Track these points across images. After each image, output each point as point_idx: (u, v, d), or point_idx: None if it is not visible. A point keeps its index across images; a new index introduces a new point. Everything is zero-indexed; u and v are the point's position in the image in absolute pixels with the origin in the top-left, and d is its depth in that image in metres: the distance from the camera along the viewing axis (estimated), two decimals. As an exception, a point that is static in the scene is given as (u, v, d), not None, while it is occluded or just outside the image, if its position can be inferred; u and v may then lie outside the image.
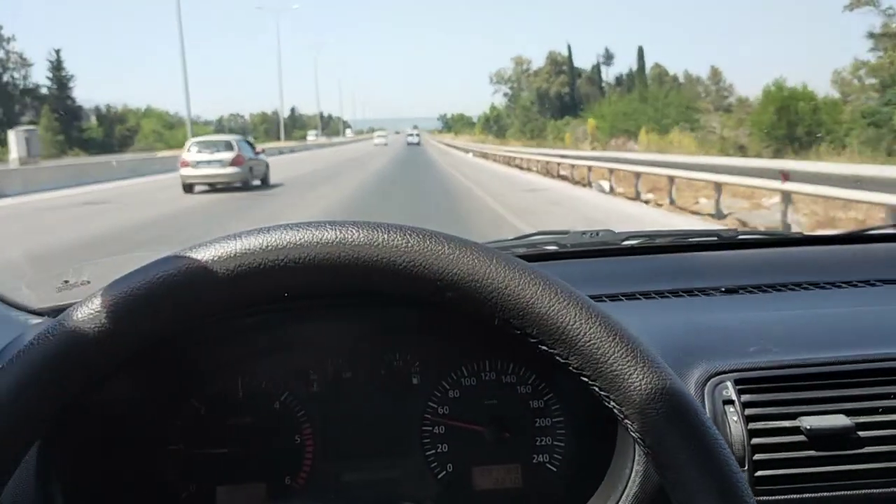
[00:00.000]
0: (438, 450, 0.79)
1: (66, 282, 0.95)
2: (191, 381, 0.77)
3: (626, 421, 0.46)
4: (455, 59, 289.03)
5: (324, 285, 0.46)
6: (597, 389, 0.46)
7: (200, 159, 13.74)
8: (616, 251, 1.10)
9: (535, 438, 0.79)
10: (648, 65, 63.86)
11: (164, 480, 0.75)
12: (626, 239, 1.11)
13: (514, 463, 0.78)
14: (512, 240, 1.19)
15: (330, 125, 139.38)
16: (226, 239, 0.46)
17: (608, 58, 74.21)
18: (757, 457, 0.66)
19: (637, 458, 0.65)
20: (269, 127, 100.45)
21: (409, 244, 0.46)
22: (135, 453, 0.73)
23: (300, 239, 0.46)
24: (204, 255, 0.46)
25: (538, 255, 1.10)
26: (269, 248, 0.45)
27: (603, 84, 72.38)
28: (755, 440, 0.67)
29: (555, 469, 0.78)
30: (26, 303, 0.89)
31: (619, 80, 71.30)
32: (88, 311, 0.45)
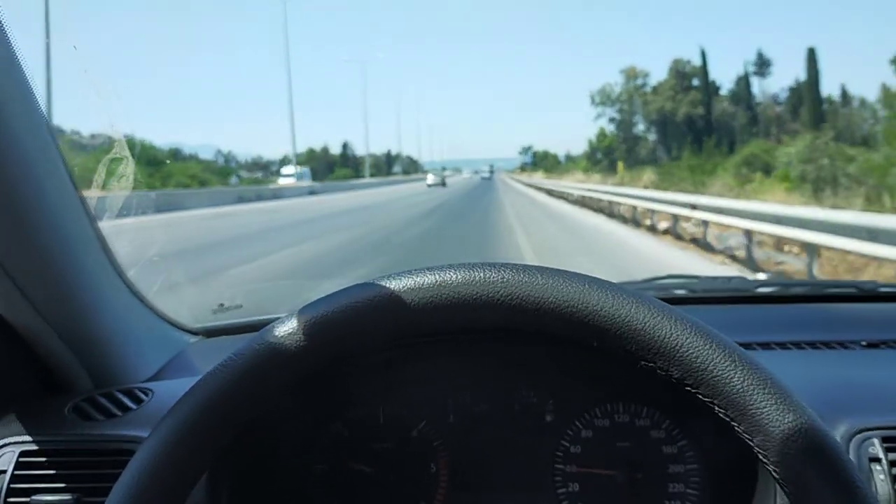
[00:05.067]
0: (570, 489, 0.98)
1: (222, 305, 1.31)
2: (337, 405, 1.02)
3: (769, 464, 0.56)
4: (546, 84, 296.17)
5: (491, 322, 0.65)
6: (728, 419, 0.57)
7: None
8: (749, 298, 1.33)
9: (668, 484, 0.96)
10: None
11: (308, 499, 1.00)
12: (760, 286, 1.35)
13: None
14: (641, 282, 1.45)
15: (394, 165, 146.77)
16: (403, 275, 0.66)
17: (762, 65, 66.77)
18: None
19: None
20: (317, 165, 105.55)
21: (572, 288, 0.61)
22: (285, 471, 0.98)
23: (474, 278, 0.64)
24: (390, 287, 0.65)
25: (667, 298, 1.34)
26: (452, 284, 0.64)
27: (756, 104, 66.19)
28: None
29: None
30: (184, 322, 1.25)
31: (777, 98, 63.95)
32: (286, 330, 0.65)
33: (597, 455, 0.98)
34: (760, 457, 0.57)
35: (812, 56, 57.20)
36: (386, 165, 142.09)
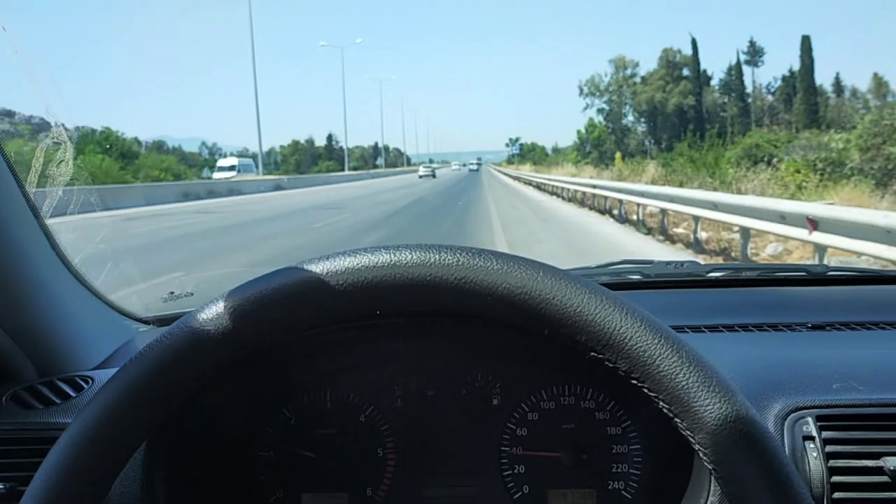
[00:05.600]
0: (515, 470, 1.01)
1: (172, 293, 1.31)
2: (283, 392, 1.05)
3: (698, 446, 0.59)
4: (533, 76, 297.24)
5: (442, 305, 0.65)
6: (671, 414, 0.60)
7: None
8: (700, 283, 1.39)
9: (612, 465, 1.00)
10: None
11: (254, 485, 1.03)
12: (712, 271, 1.41)
13: (589, 488, 1.01)
14: (595, 267, 1.50)
15: (385, 159, 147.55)
16: (331, 257, 0.67)
17: (754, 54, 66.49)
18: (836, 495, 0.81)
19: (712, 489, 0.78)
20: (302, 158, 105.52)
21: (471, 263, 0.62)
22: (229, 458, 1.00)
23: (385, 261, 0.64)
24: (313, 270, 0.66)
25: (621, 283, 1.39)
26: (406, 264, 0.65)
27: (748, 93, 65.62)
28: (835, 478, 0.81)
29: (630, 496, 1.00)
30: (135, 311, 1.26)
31: (771, 87, 63.22)
32: (208, 316, 0.66)
33: (543, 437, 1.02)
34: (689, 438, 0.60)
35: (807, 44, 57.59)
36: (372, 158, 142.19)
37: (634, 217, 14.46)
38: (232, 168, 53.75)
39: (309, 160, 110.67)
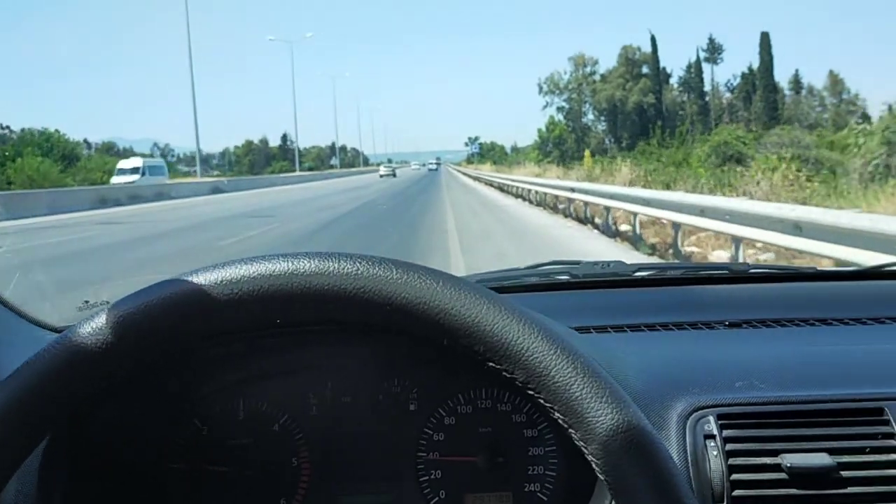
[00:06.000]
0: (432, 476, 1.02)
1: (87, 302, 1.30)
2: (193, 401, 1.04)
3: (591, 457, 0.61)
4: (492, 74, 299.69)
5: (341, 315, 0.66)
6: (565, 425, 0.62)
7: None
8: (627, 282, 1.43)
9: (528, 467, 1.01)
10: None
11: (166, 498, 1.02)
12: (638, 270, 1.45)
13: (506, 491, 1.03)
14: (524, 269, 1.53)
15: (341, 159, 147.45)
16: (223, 266, 0.67)
17: (714, 51, 67.11)
18: (736, 493, 0.83)
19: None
20: (255, 158, 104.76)
21: (359, 271, 0.63)
22: (138, 471, 0.99)
23: (272, 270, 0.65)
24: (203, 279, 0.66)
25: (549, 284, 1.42)
26: (303, 273, 0.65)
27: (707, 91, 66.15)
28: (735, 476, 0.84)
29: (545, 498, 1.02)
30: (48, 321, 1.26)
31: (730, 85, 63.65)
32: (92, 328, 0.66)
33: (459, 441, 1.04)
34: (581, 446, 0.62)
35: (766, 41, 58.83)
36: (329, 158, 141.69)
37: (625, 228, 12.29)
38: (135, 171, 43.76)
39: (263, 161, 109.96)
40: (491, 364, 0.63)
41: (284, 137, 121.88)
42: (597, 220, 14.20)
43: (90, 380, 0.64)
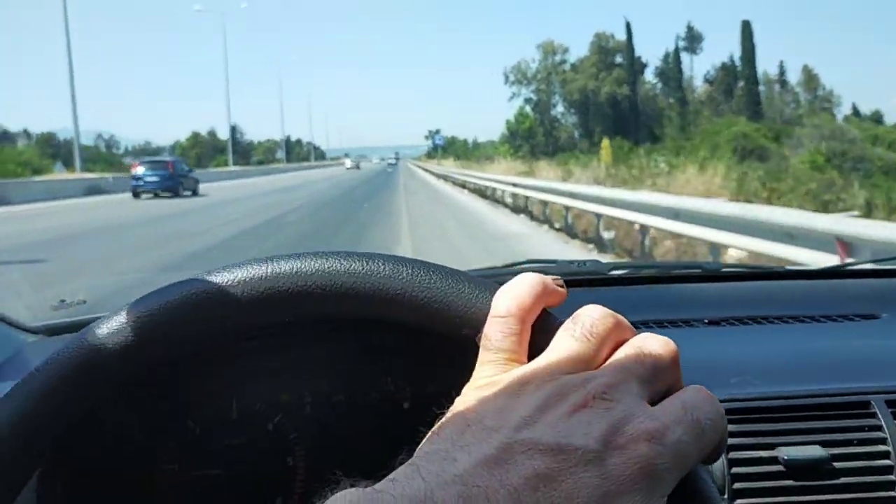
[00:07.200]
0: None
1: (63, 301, 1.35)
2: (186, 402, 1.06)
3: None
4: (453, 63, 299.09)
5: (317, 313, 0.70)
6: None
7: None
8: (602, 281, 1.52)
9: None
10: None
11: (158, 501, 1.04)
12: (613, 269, 1.54)
13: None
14: (501, 267, 1.62)
15: (289, 152, 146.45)
16: (238, 266, 0.70)
17: (693, 40, 66.89)
18: (737, 486, 0.91)
19: None
20: (202, 151, 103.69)
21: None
22: (130, 473, 1.01)
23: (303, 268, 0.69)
24: (221, 279, 0.70)
25: None
26: (279, 275, 0.68)
27: (683, 81, 65.51)
28: (735, 469, 0.91)
29: None
30: (22, 321, 1.29)
31: (709, 78, 62.86)
32: (110, 329, 0.68)
33: None
34: None
35: (747, 29, 58.63)
36: (284, 152, 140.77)
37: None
38: None
39: (211, 153, 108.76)
40: (466, 330, 0.65)
41: (233, 129, 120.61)
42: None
43: (110, 383, 0.67)
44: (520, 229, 14.85)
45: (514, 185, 18.42)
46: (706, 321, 1.32)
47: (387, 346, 1.10)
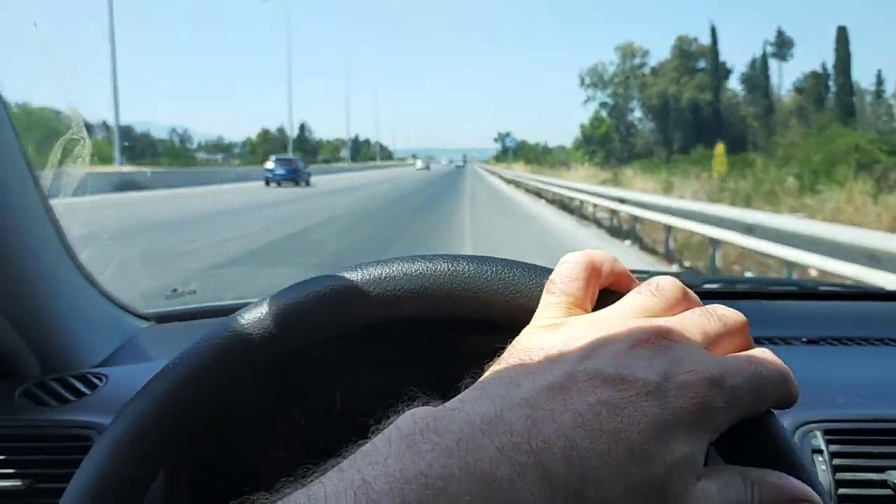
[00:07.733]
0: None
1: (175, 290, 1.45)
2: (293, 393, 1.09)
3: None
4: (526, 65, 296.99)
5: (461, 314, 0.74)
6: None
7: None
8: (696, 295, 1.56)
9: None
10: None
11: (263, 489, 1.13)
12: (706, 283, 1.57)
13: None
14: None
15: (354, 151, 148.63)
16: (371, 265, 0.75)
17: (782, 46, 65.42)
18: None
19: None
20: (271, 148, 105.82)
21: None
22: (239, 460, 1.05)
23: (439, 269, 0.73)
24: (356, 276, 0.74)
25: None
26: (419, 274, 0.73)
27: (772, 90, 63.96)
28: (842, 490, 0.91)
29: None
30: (136, 307, 1.39)
31: (799, 86, 60.97)
32: (255, 317, 0.73)
33: None
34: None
35: (843, 36, 56.47)
36: (352, 151, 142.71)
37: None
38: None
39: (279, 150, 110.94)
40: None
41: (302, 127, 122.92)
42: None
43: (252, 369, 0.72)
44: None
45: (622, 200, 13.99)
46: (804, 340, 1.33)
47: (478, 348, 1.16)
